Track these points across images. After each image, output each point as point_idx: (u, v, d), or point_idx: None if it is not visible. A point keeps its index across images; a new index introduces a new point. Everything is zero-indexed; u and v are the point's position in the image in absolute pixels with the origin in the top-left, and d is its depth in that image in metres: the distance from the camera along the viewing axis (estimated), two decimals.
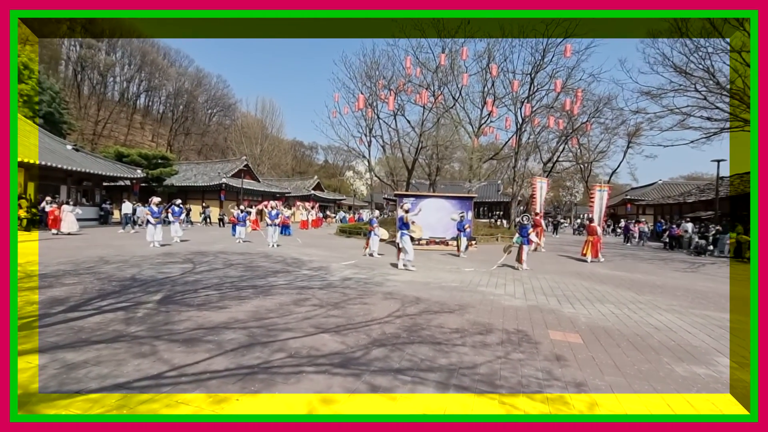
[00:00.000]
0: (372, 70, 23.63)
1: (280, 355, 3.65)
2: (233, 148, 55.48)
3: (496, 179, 40.04)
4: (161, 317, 4.76)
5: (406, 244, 9.56)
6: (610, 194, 21.88)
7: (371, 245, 12.14)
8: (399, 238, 9.68)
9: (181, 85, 63.99)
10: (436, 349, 3.99)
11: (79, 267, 8.13)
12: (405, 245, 9.55)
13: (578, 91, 20.71)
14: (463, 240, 13.50)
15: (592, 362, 3.80)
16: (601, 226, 15.19)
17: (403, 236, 9.61)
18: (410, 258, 9.57)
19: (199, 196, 31.19)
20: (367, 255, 11.99)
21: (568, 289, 7.85)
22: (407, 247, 9.55)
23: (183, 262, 9.48)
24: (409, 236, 9.76)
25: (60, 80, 43.27)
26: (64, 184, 20.31)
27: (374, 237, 12.15)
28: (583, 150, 29.90)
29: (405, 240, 9.59)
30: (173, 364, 3.35)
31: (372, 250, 12.07)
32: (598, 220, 14.81)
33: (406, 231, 9.74)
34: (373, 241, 12.16)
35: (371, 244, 12.15)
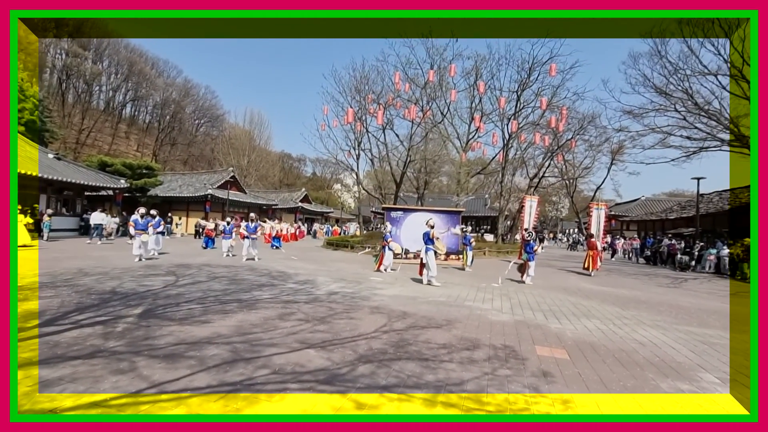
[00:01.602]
0: (361, 84, 23.93)
1: (264, 372, 3.56)
2: (220, 159, 55.05)
3: (483, 193, 40.57)
4: (141, 332, 4.61)
5: (431, 260, 9.54)
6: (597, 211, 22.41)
7: (385, 260, 12.01)
8: (424, 253, 9.67)
9: (168, 96, 63.39)
10: (423, 365, 3.95)
11: (56, 279, 7.86)
12: (429, 261, 9.53)
13: (563, 108, 21.32)
14: (469, 254, 13.65)
15: (579, 378, 3.81)
16: (602, 242, 15.76)
17: (428, 251, 9.61)
18: (434, 274, 9.55)
19: (183, 207, 30.70)
20: (382, 270, 11.84)
21: (554, 303, 7.91)
22: (431, 263, 9.53)
23: (165, 274, 9.26)
24: (433, 252, 9.75)
25: (44, 88, 42.54)
26: (44, 193, 19.79)
27: (389, 252, 12.07)
28: (568, 166, 30.52)
29: (429, 256, 9.58)
30: (153, 381, 3.24)
31: (386, 265, 11.97)
32: (598, 235, 15.39)
33: (431, 246, 9.73)
34: (387, 256, 12.06)
35: (385, 259, 12.03)
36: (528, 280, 10.77)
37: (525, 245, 11.42)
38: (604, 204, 18.94)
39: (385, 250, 12.13)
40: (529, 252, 10.95)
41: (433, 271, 9.59)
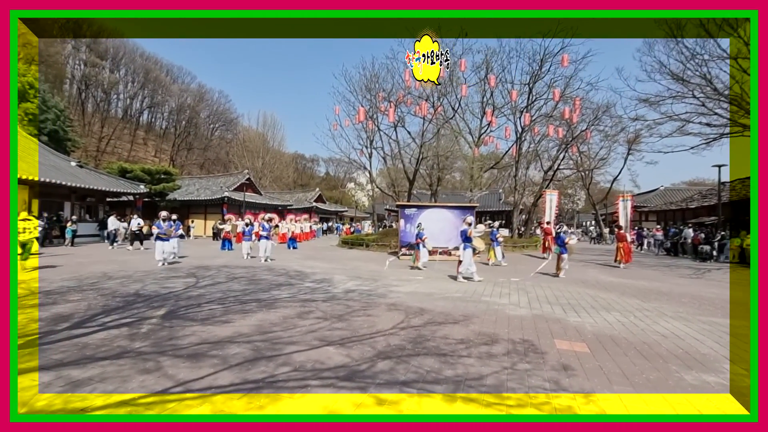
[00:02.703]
0: (372, 83, 23.91)
1: (285, 369, 3.63)
2: (235, 162, 55.85)
3: (497, 188, 40.11)
4: (165, 332, 4.75)
5: (467, 257, 9.55)
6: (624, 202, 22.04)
7: (422, 257, 12.08)
8: (462, 250, 9.69)
9: (183, 101, 64.69)
10: (442, 360, 3.96)
11: (82, 283, 8.14)
12: (466, 258, 9.54)
13: (576, 99, 20.87)
14: (497, 249, 13.62)
15: (600, 372, 3.76)
16: (629, 234, 15.72)
17: (466, 249, 9.63)
18: (473, 269, 9.58)
19: (201, 210, 31.30)
20: (420, 267, 11.91)
21: (572, 297, 7.80)
22: (467, 260, 9.54)
23: (186, 276, 9.49)
24: (471, 249, 9.76)
25: (65, 98, 43.87)
26: (68, 200, 20.44)
27: (423, 249, 12.13)
28: (583, 158, 29.89)
29: (467, 253, 9.59)
30: (178, 380, 3.34)
31: (423, 262, 12.02)
32: (626, 227, 15.42)
33: (468, 244, 9.74)
34: (423, 253, 12.11)
35: (422, 255, 12.10)
36: (562, 273, 10.70)
37: (556, 238, 11.37)
38: (630, 195, 18.61)
39: (419, 247, 12.17)
40: (561, 245, 10.90)
41: (472, 267, 9.59)
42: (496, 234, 14.12)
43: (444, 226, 15.30)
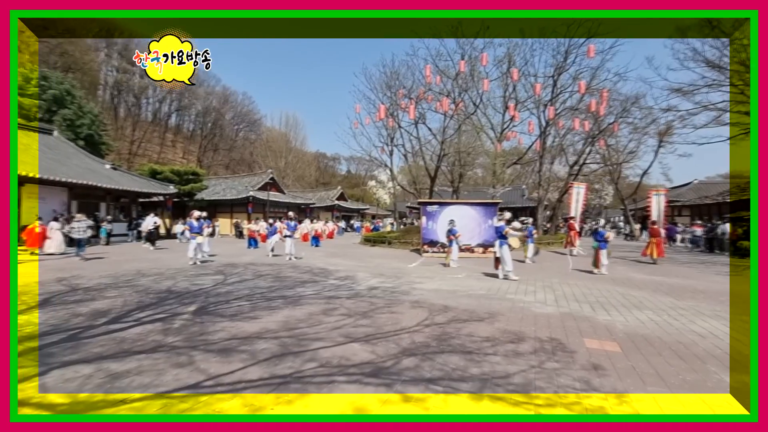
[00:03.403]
0: (392, 80, 23.85)
1: (312, 365, 3.69)
2: (259, 161, 56.98)
3: (520, 184, 39.35)
4: (197, 328, 4.91)
5: (506, 255, 9.50)
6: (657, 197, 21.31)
7: (453, 254, 12.05)
8: (498, 248, 9.63)
9: (209, 104, 66.54)
10: (467, 358, 3.93)
11: (118, 280, 8.52)
12: (504, 256, 9.49)
13: (604, 91, 20.16)
14: (530, 246, 13.50)
15: (633, 372, 3.65)
16: (663, 228, 15.34)
17: (503, 246, 9.56)
18: (509, 268, 9.49)
19: (228, 210, 32.14)
20: (451, 264, 11.89)
21: (601, 295, 7.58)
22: (506, 258, 9.48)
23: (214, 273, 9.77)
24: (507, 246, 9.70)
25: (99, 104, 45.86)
26: (103, 201, 21.40)
27: (455, 245, 12.09)
28: (611, 151, 28.81)
29: (504, 250, 9.53)
30: (210, 374, 3.45)
31: (454, 259, 11.99)
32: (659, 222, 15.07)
33: (505, 241, 9.68)
34: (454, 249, 12.08)
35: (453, 252, 12.07)
36: (603, 269, 10.49)
37: (594, 233, 11.16)
38: (664, 189, 17.93)
39: (452, 244, 12.12)
40: (600, 240, 10.71)
41: (508, 266, 9.48)
42: (532, 231, 14.00)
43: (466, 223, 15.13)
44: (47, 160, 19.20)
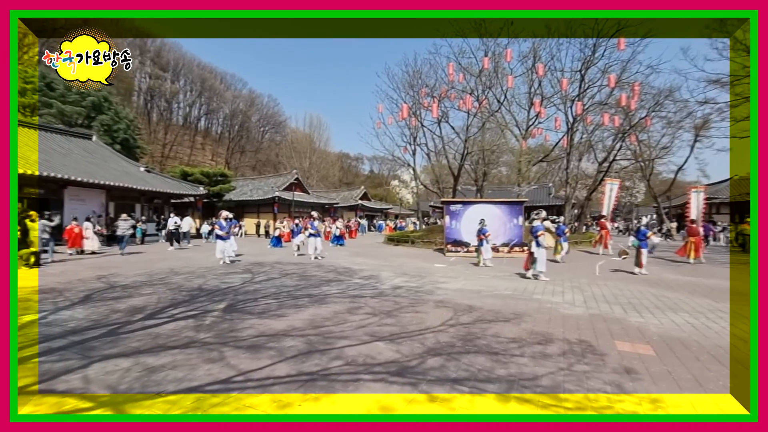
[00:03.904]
0: (414, 80, 23.77)
1: (338, 363, 3.74)
2: (284, 162, 58.07)
3: (546, 182, 38.38)
4: (227, 325, 5.07)
5: (542, 255, 9.40)
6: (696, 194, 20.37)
7: (485, 253, 11.98)
8: (535, 248, 9.53)
9: (236, 107, 68.50)
10: (494, 359, 3.89)
11: (153, 278, 8.89)
12: (540, 256, 9.39)
13: (635, 85, 19.35)
14: (564, 245, 13.35)
15: (668, 376, 3.51)
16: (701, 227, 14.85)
17: (539, 246, 9.46)
18: (542, 269, 9.40)
19: (254, 210, 32.93)
20: (482, 264, 11.86)
21: (633, 296, 7.31)
22: (542, 258, 9.38)
23: (243, 272, 10.04)
24: (544, 246, 9.60)
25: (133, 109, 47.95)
26: (138, 202, 22.36)
27: (486, 245, 12.04)
28: (643, 147, 27.62)
29: (540, 251, 9.43)
30: (240, 370, 3.56)
31: (485, 258, 11.92)
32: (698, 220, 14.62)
33: (541, 241, 9.56)
34: (485, 249, 12.02)
35: (484, 252, 12.00)
36: (644, 270, 10.23)
37: (637, 232, 10.88)
38: (703, 186, 17.11)
39: (482, 244, 12.03)
40: (642, 239, 10.44)
41: (542, 266, 9.33)
42: (564, 229, 13.70)
43: (491, 222, 14.90)
44: (87, 164, 20.25)
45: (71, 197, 18.15)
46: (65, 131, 23.86)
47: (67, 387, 3.16)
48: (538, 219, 10.13)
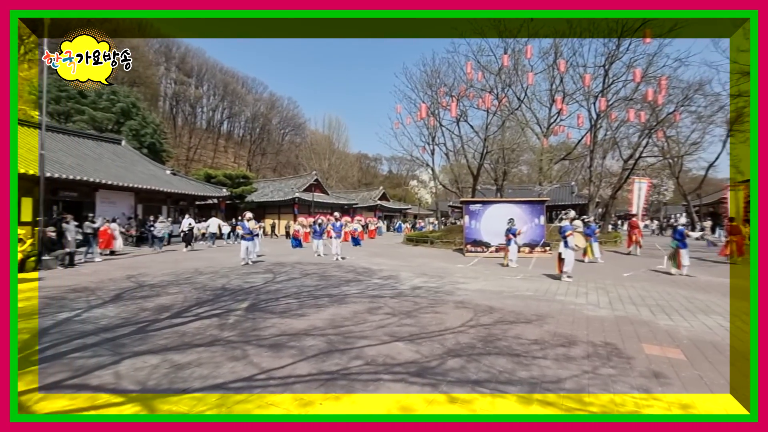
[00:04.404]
0: (432, 79, 23.66)
1: (358, 363, 3.77)
2: (304, 164, 58.85)
3: (569, 181, 37.49)
4: (249, 323, 5.18)
5: (570, 256, 9.30)
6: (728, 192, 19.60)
7: (511, 254, 11.89)
8: (563, 248, 9.42)
9: (257, 110, 69.93)
10: (515, 361, 3.83)
11: (179, 278, 9.16)
12: (568, 257, 9.28)
13: (662, 79, 18.64)
14: (595, 245, 13.19)
15: (700, 381, 3.38)
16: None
17: (567, 246, 9.36)
18: (567, 269, 9.26)
19: (275, 211, 33.49)
20: (509, 264, 11.76)
21: (662, 298, 7.06)
22: (570, 259, 9.27)
23: (264, 272, 10.23)
24: (573, 247, 9.49)
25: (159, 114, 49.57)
26: (164, 204, 23.10)
27: (513, 245, 11.94)
28: (671, 143, 26.60)
29: (568, 252, 9.33)
30: (262, 368, 3.63)
31: (512, 259, 11.83)
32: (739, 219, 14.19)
33: (570, 242, 9.47)
34: (512, 249, 11.92)
35: (511, 252, 11.91)
36: (684, 270, 9.89)
37: (674, 232, 10.53)
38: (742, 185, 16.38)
39: (510, 244, 11.92)
40: (680, 239, 10.10)
41: (567, 267, 9.18)
42: (595, 229, 13.42)
43: None
44: (117, 168, 21.05)
45: (102, 200, 18.91)
46: (97, 136, 24.91)
47: (99, 382, 3.30)
48: (567, 219, 9.91)
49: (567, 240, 9.22)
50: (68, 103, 29.54)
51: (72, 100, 29.63)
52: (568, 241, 9.22)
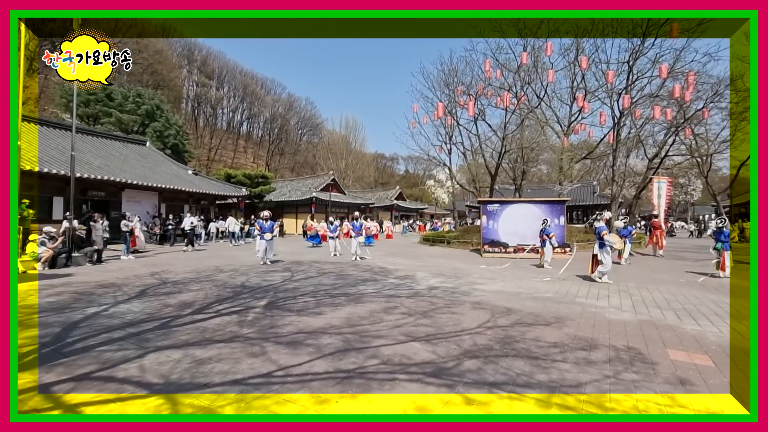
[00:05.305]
0: (450, 78, 23.53)
1: (374, 362, 3.78)
2: (321, 164, 59.41)
3: (590, 180, 36.62)
4: (267, 321, 5.27)
5: (607, 258, 9.17)
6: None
7: (546, 255, 11.74)
8: (598, 249, 9.29)
9: (276, 111, 70.96)
10: (533, 363, 3.77)
11: (200, 275, 9.39)
12: (604, 258, 9.15)
13: (690, 74, 17.99)
14: (628, 246, 12.97)
15: (729, 388, 3.25)
16: None
17: (603, 247, 9.24)
18: (604, 270, 9.14)
19: (293, 210, 33.94)
20: (544, 265, 11.61)
21: (688, 302, 6.82)
22: (607, 260, 9.14)
23: (282, 270, 10.37)
24: (609, 248, 9.35)
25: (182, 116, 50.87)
26: (186, 203, 23.70)
27: (548, 246, 11.81)
28: (699, 141, 25.60)
29: (606, 252, 9.21)
30: (280, 365, 3.68)
31: (546, 260, 11.69)
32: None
33: (605, 243, 9.30)
34: (547, 250, 11.77)
35: (546, 254, 11.76)
36: (727, 272, 9.71)
37: (717, 234, 10.26)
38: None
39: (545, 244, 11.78)
40: (724, 241, 9.87)
41: (607, 268, 9.04)
42: (631, 230, 13.15)
43: (530, 222, 14.46)
44: (141, 168, 21.71)
45: (128, 199, 19.56)
46: (123, 138, 25.76)
47: (125, 375, 3.41)
48: (602, 220, 9.66)
49: (603, 240, 9.00)
50: (96, 105, 30.63)
51: (100, 103, 30.72)
52: (603, 242, 9.00)
